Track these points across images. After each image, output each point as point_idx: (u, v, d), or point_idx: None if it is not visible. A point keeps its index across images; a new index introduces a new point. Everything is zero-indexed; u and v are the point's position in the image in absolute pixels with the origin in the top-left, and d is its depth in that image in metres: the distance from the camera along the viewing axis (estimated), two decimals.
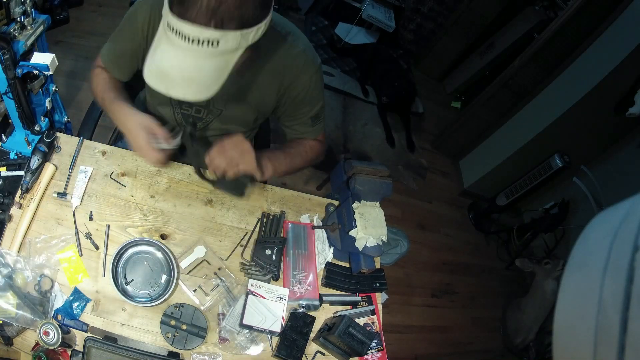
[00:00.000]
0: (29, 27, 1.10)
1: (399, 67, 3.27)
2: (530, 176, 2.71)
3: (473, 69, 3.57)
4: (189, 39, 0.73)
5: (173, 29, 0.74)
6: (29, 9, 1.06)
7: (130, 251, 1.04)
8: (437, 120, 3.45)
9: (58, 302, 0.97)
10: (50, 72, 1.06)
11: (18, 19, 1.06)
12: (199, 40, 0.73)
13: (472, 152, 3.08)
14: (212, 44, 0.74)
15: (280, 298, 1.04)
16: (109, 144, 1.22)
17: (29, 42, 1.10)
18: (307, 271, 1.11)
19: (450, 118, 3.40)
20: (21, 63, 1.05)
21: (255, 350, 1.00)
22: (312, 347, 1.05)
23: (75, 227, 1.04)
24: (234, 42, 0.76)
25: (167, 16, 0.74)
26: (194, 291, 1.03)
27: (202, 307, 1.02)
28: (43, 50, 1.19)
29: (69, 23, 2.90)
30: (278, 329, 1.00)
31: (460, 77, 3.71)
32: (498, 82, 2.78)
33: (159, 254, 1.04)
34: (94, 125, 1.36)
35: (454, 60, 3.72)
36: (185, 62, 0.77)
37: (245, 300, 1.00)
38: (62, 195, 1.05)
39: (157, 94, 1.17)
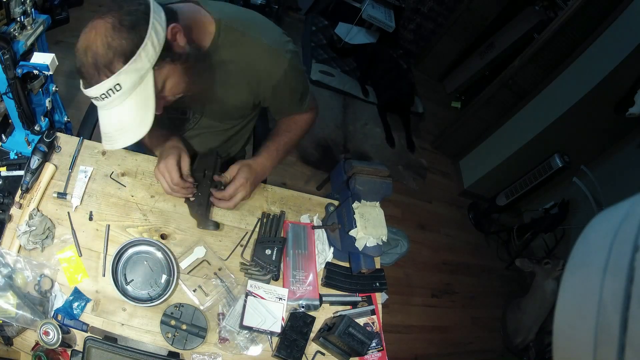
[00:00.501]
0: (29, 27, 1.10)
1: (399, 67, 3.28)
2: (530, 176, 2.71)
3: (473, 69, 3.58)
4: (99, 97, 0.79)
5: (89, 97, 0.81)
6: (29, 9, 1.06)
7: (130, 251, 1.04)
8: (437, 120, 3.46)
9: (58, 302, 0.97)
10: (50, 72, 1.06)
11: (18, 18, 1.05)
12: (105, 94, 0.79)
13: (472, 152, 3.09)
14: (116, 89, 0.78)
15: (280, 298, 1.04)
16: None
17: (29, 42, 1.09)
18: (307, 271, 1.11)
19: (450, 118, 3.40)
20: (21, 63, 1.05)
21: (255, 350, 1.00)
22: (312, 347, 1.05)
23: (72, 228, 1.04)
24: (133, 75, 0.78)
25: (82, 90, 0.81)
26: (194, 291, 1.03)
27: (201, 307, 1.01)
28: (43, 50, 1.19)
29: (69, 23, 2.91)
30: (278, 330, 1.00)
31: (460, 77, 3.71)
32: (498, 82, 2.78)
33: (159, 254, 1.04)
34: (93, 125, 1.36)
35: (454, 60, 3.72)
36: (109, 116, 0.83)
37: (245, 301, 1.00)
38: (62, 195, 1.05)
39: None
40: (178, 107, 1.13)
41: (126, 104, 0.81)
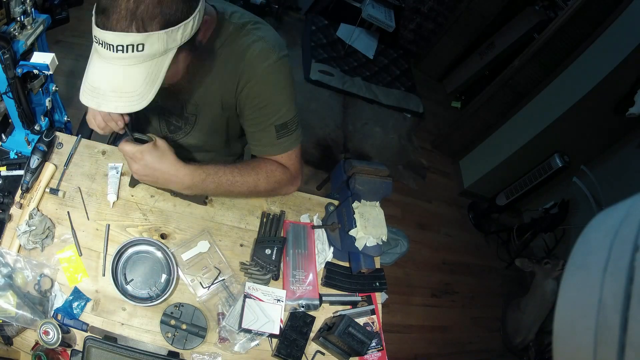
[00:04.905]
0: (29, 27, 1.09)
1: None
2: (530, 176, 2.71)
3: (473, 69, 3.58)
4: (113, 47, 0.71)
5: (99, 40, 0.72)
6: (29, 8, 1.05)
7: (130, 251, 1.04)
8: (437, 120, 3.46)
9: (58, 302, 0.97)
10: (50, 72, 1.06)
11: (18, 18, 1.05)
12: (123, 47, 0.71)
13: (472, 152, 3.09)
14: (137, 49, 0.71)
15: (278, 300, 1.03)
16: (108, 144, 1.22)
17: (29, 42, 1.08)
18: (307, 271, 1.11)
19: (450, 118, 3.41)
20: (21, 63, 1.04)
21: (255, 349, 1.00)
22: (312, 347, 1.05)
23: (72, 228, 1.04)
24: (161, 44, 0.73)
25: (94, 29, 0.72)
26: (192, 281, 1.03)
27: (197, 299, 1.01)
28: (43, 49, 1.18)
29: (69, 22, 2.91)
30: (276, 331, 0.99)
31: (460, 77, 3.72)
32: (498, 82, 2.79)
33: (159, 254, 1.04)
34: None
35: (454, 60, 3.72)
36: (113, 73, 0.74)
37: (243, 303, 1.00)
38: (54, 191, 1.06)
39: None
40: (174, 112, 1.09)
41: (137, 69, 0.74)
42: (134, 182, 1.11)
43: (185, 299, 1.03)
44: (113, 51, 0.71)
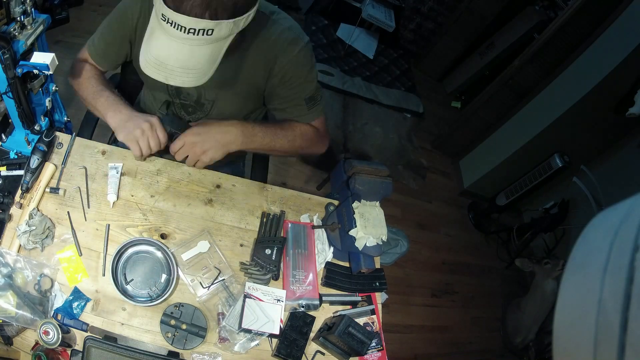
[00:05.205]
0: (29, 27, 1.08)
1: None
2: (530, 176, 2.71)
3: (473, 69, 3.58)
4: (184, 29, 0.76)
5: (168, 20, 0.76)
6: (29, 8, 1.05)
7: (130, 251, 1.04)
8: (437, 120, 3.46)
9: (58, 302, 0.97)
10: (51, 72, 1.05)
11: (18, 18, 1.04)
12: (194, 30, 0.76)
13: (472, 152, 3.09)
14: (207, 33, 0.77)
15: (278, 300, 1.03)
16: (108, 144, 1.22)
17: (29, 42, 1.08)
18: (307, 271, 1.12)
19: (450, 118, 3.41)
20: (21, 62, 1.03)
21: (255, 349, 1.00)
22: (311, 347, 1.05)
23: (72, 228, 1.04)
24: (227, 30, 0.79)
25: (162, 8, 0.76)
26: (192, 281, 1.04)
27: (197, 299, 1.02)
28: (43, 49, 1.18)
29: (69, 23, 2.90)
30: (276, 331, 1.00)
31: (460, 76, 3.72)
32: (498, 82, 2.79)
33: (159, 254, 1.04)
34: (94, 125, 1.36)
35: (454, 59, 3.73)
36: (182, 51, 0.80)
37: (243, 303, 1.00)
38: (54, 190, 1.06)
39: (156, 87, 1.20)
40: (191, 92, 1.16)
41: (203, 50, 0.81)
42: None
43: (186, 299, 1.03)
44: (183, 32, 0.77)
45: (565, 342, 0.31)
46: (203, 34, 0.77)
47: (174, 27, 0.77)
